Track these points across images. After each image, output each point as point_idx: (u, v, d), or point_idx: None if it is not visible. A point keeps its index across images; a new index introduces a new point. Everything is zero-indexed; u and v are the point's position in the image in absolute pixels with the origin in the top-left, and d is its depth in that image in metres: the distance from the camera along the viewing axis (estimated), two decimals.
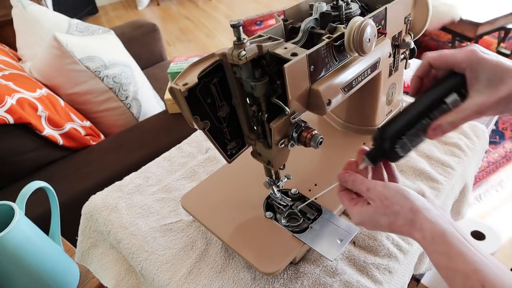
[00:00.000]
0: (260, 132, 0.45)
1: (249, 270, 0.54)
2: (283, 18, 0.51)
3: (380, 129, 0.43)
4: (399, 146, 0.42)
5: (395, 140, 0.42)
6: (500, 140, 1.78)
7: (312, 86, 0.43)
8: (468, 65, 0.39)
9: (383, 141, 0.43)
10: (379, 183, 0.42)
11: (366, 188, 0.43)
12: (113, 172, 0.97)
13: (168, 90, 0.50)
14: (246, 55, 0.37)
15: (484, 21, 1.94)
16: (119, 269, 0.64)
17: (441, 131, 0.41)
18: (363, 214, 0.42)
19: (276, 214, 0.56)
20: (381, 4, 0.54)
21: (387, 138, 0.42)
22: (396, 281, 0.52)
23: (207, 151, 0.77)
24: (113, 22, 3.64)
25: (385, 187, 0.41)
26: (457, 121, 0.40)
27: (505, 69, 0.37)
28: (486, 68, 0.38)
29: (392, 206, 0.40)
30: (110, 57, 1.20)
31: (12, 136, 0.93)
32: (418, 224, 0.38)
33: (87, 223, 0.69)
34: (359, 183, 0.44)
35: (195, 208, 0.59)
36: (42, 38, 1.28)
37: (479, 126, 0.76)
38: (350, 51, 0.44)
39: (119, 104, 1.22)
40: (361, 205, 0.43)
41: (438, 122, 0.41)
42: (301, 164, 0.64)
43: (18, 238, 0.55)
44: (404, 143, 0.42)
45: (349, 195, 0.45)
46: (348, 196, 0.45)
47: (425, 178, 0.65)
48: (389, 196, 0.40)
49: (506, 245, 1.36)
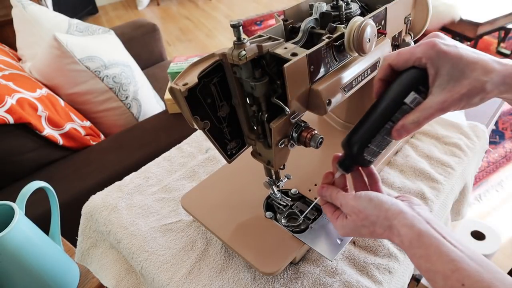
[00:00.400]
0: (260, 132, 0.45)
1: (249, 270, 0.54)
2: (283, 18, 0.51)
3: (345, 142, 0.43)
4: (367, 153, 0.42)
5: (361, 150, 0.42)
6: (500, 140, 1.78)
7: (312, 86, 0.43)
8: (428, 60, 0.37)
9: (351, 153, 0.43)
10: (350, 197, 0.42)
11: (340, 203, 0.43)
12: (113, 172, 0.97)
13: (168, 90, 0.50)
14: (246, 55, 0.37)
15: (484, 21, 1.94)
16: (119, 269, 0.64)
17: (405, 131, 0.40)
18: (345, 227, 0.43)
19: (276, 214, 0.56)
20: (381, 4, 0.54)
21: (354, 151, 0.42)
22: (396, 281, 0.52)
23: (207, 151, 0.77)
24: (113, 22, 3.64)
25: (356, 199, 0.41)
26: (420, 120, 0.38)
27: (466, 62, 0.36)
28: (447, 62, 0.36)
29: (368, 218, 0.40)
30: (110, 57, 1.20)
31: (12, 136, 0.93)
32: (396, 230, 0.38)
33: (87, 223, 0.69)
34: (334, 199, 0.45)
35: (195, 208, 0.59)
36: (42, 38, 1.28)
37: (479, 126, 0.76)
38: (350, 51, 0.44)
39: (119, 104, 1.22)
40: (342, 218, 0.43)
41: (401, 123, 0.39)
42: (301, 164, 0.64)
43: (18, 238, 0.55)
44: (371, 150, 0.42)
45: (331, 207, 0.46)
46: (330, 209, 0.46)
47: (425, 178, 0.65)
48: (362, 209, 0.40)
49: (506, 245, 1.36)
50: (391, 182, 0.65)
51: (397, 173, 0.67)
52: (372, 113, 0.41)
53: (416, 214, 0.38)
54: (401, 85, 0.39)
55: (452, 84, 0.36)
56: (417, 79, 0.38)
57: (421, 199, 0.62)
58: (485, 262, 0.33)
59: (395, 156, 0.71)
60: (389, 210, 0.38)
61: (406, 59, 0.39)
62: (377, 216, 0.39)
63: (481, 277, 0.31)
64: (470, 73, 0.36)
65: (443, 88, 0.37)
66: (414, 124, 0.39)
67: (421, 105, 0.38)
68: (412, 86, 0.38)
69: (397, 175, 0.67)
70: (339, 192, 0.44)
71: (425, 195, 0.62)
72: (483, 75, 0.35)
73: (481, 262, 0.32)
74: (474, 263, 0.32)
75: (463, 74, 0.36)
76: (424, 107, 0.38)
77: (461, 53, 0.36)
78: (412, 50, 0.38)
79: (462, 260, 0.33)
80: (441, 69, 0.37)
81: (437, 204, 0.62)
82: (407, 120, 0.39)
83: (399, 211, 0.38)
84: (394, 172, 0.67)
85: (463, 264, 0.32)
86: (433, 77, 0.37)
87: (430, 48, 0.37)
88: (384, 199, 0.40)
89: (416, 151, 0.71)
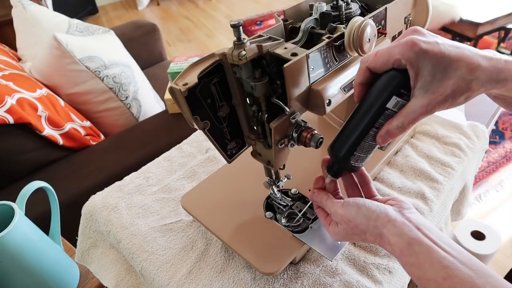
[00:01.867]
0: (260, 132, 0.45)
1: (249, 270, 0.54)
2: (283, 18, 0.51)
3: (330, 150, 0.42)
4: (353, 160, 0.41)
5: (347, 158, 0.41)
6: (500, 140, 1.78)
7: (312, 86, 0.43)
8: (407, 61, 0.34)
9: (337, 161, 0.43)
10: (339, 205, 0.41)
11: (329, 212, 0.43)
12: (113, 172, 0.97)
13: (168, 90, 0.49)
14: (246, 55, 0.37)
15: (484, 21, 1.94)
16: (119, 269, 0.64)
17: (390, 136, 0.38)
18: (337, 234, 0.43)
19: (276, 214, 0.56)
20: (381, 4, 0.54)
21: (340, 159, 0.42)
22: (396, 281, 0.52)
23: (207, 151, 0.77)
24: (113, 22, 3.64)
25: (344, 208, 0.41)
26: (405, 124, 0.36)
27: (449, 60, 0.33)
28: (428, 62, 0.33)
29: (358, 227, 0.39)
30: (110, 57, 1.20)
31: (12, 136, 0.93)
32: (386, 239, 0.37)
33: (87, 223, 0.69)
34: (324, 205, 0.44)
35: (195, 208, 0.59)
36: (42, 38, 1.28)
37: (479, 126, 0.76)
38: (350, 51, 0.44)
39: (119, 104, 1.22)
40: (334, 225, 0.43)
41: (385, 129, 0.38)
42: (301, 164, 0.64)
43: (18, 238, 0.55)
44: (357, 156, 0.41)
45: (324, 212, 0.46)
46: (323, 214, 0.46)
47: (425, 178, 0.65)
48: (351, 218, 0.40)
49: (506, 245, 1.36)
50: (391, 182, 0.65)
51: (397, 173, 0.67)
52: (355, 120, 0.40)
53: (406, 220, 0.37)
54: (381, 90, 0.37)
55: (435, 85, 0.34)
56: (398, 82, 0.36)
57: (421, 199, 0.62)
58: (478, 266, 0.32)
59: (395, 156, 0.71)
60: (378, 219, 0.38)
61: (384, 61, 0.36)
62: (367, 225, 0.39)
63: (473, 283, 0.31)
64: (454, 72, 0.33)
65: (426, 90, 0.34)
66: (399, 129, 0.37)
67: (404, 109, 0.36)
68: (393, 91, 0.36)
69: (397, 175, 0.67)
70: (329, 199, 0.44)
71: (425, 195, 0.62)
72: (468, 74, 0.33)
73: (474, 267, 0.32)
74: (466, 268, 0.32)
75: (447, 74, 0.33)
76: (408, 111, 0.36)
77: (443, 50, 0.33)
78: (390, 51, 0.35)
79: (453, 267, 0.32)
80: (422, 69, 0.34)
81: (437, 204, 0.62)
82: (391, 126, 0.37)
83: (388, 219, 0.37)
84: (394, 172, 0.67)
85: (454, 270, 0.32)
86: (414, 79, 0.35)
87: (409, 48, 0.34)
88: (372, 207, 0.39)
89: (416, 151, 0.71)
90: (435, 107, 0.35)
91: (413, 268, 0.35)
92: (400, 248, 0.36)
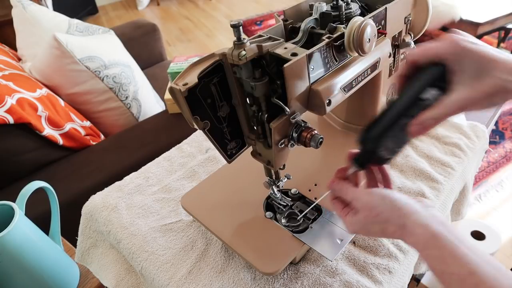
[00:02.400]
0: (260, 132, 0.45)
1: (249, 270, 0.54)
2: (283, 18, 0.51)
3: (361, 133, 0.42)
4: (383, 148, 0.41)
5: (377, 143, 0.41)
6: (500, 140, 1.78)
7: (312, 86, 0.43)
8: (452, 57, 0.37)
9: (365, 144, 0.42)
10: (364, 192, 0.41)
11: (352, 198, 0.42)
12: (113, 172, 0.97)
13: (168, 90, 0.50)
14: (246, 55, 0.37)
15: (484, 21, 1.94)
16: (119, 269, 0.64)
17: (424, 127, 0.39)
18: (354, 224, 0.42)
19: (276, 214, 0.56)
20: (381, 4, 0.54)
21: (368, 141, 0.41)
22: (396, 281, 0.52)
23: (207, 151, 0.77)
24: (113, 22, 3.64)
25: (370, 195, 0.40)
26: (440, 116, 0.37)
27: (490, 59, 0.35)
28: (470, 59, 0.36)
29: (381, 215, 0.39)
30: (110, 57, 1.20)
31: (12, 136, 0.93)
32: (409, 229, 0.37)
33: (87, 223, 0.69)
34: (345, 193, 0.43)
35: (195, 208, 0.59)
36: (42, 38, 1.28)
37: (479, 126, 0.76)
38: (350, 51, 0.44)
39: (119, 104, 1.22)
40: (352, 214, 0.42)
41: (420, 119, 0.38)
42: (301, 164, 0.64)
43: (18, 238, 0.55)
44: (387, 145, 0.41)
45: (340, 203, 0.45)
46: (339, 205, 0.45)
47: (425, 178, 0.65)
48: (376, 205, 0.39)
49: (506, 245, 1.36)
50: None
51: (397, 173, 0.67)
52: (389, 108, 0.41)
53: (430, 215, 0.37)
54: (417, 81, 0.39)
55: (475, 82, 0.35)
56: (434, 75, 0.38)
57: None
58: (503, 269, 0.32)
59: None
60: (402, 209, 0.38)
61: (430, 55, 0.38)
62: (391, 214, 0.38)
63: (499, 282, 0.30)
64: (493, 71, 0.35)
65: (465, 85, 0.36)
66: (433, 120, 0.38)
67: (441, 102, 0.37)
68: (428, 83, 0.38)
69: (397, 175, 0.67)
70: (351, 186, 0.43)
71: (425, 195, 0.62)
72: (507, 75, 0.34)
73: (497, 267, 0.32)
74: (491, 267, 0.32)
75: (487, 73, 0.35)
76: (445, 103, 0.37)
77: (484, 50, 0.35)
78: (437, 47, 0.38)
79: (479, 264, 0.32)
80: (465, 66, 0.36)
81: (437, 204, 0.62)
82: (426, 116, 0.38)
83: (413, 210, 0.37)
84: (394, 172, 0.67)
85: (480, 268, 0.31)
86: (455, 74, 0.37)
87: (455, 44, 0.36)
88: (397, 197, 0.39)
89: (416, 151, 0.71)
90: (473, 103, 0.36)
91: (436, 261, 0.34)
92: (424, 240, 0.35)
